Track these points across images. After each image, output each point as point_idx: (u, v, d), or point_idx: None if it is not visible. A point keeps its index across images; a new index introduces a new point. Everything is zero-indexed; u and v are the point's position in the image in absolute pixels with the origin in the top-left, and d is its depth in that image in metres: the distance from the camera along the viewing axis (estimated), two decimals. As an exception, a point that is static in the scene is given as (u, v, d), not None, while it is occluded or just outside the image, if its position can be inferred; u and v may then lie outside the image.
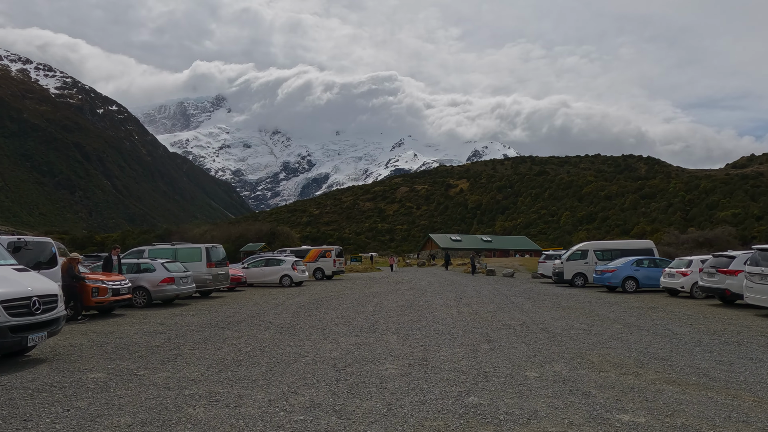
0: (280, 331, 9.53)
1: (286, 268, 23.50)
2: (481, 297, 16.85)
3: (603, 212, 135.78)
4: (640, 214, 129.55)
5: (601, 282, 19.21)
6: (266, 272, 23.23)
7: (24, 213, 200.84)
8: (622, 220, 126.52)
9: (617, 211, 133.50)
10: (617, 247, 22.21)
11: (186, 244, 17.93)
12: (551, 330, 9.58)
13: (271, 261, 23.98)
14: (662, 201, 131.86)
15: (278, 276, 23.24)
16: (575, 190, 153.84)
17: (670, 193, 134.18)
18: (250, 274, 22.85)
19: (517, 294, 17.95)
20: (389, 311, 12.76)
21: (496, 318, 11.37)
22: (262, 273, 23.11)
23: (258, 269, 23.22)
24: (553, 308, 13.33)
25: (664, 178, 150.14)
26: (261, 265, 23.44)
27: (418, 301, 15.64)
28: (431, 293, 18.54)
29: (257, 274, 23.07)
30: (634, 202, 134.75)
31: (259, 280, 23.04)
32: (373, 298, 16.82)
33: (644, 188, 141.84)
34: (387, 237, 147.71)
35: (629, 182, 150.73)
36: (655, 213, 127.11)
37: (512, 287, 21.59)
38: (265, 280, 23.18)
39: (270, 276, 23.23)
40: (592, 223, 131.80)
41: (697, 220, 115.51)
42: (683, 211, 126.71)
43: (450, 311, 12.81)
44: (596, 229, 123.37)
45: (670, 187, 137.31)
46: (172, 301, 15.60)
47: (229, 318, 11.54)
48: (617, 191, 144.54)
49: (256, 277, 22.99)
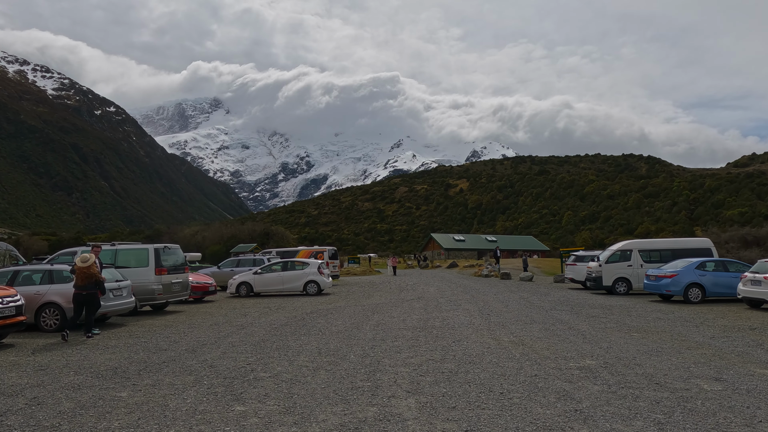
0: (215, 389, 5.84)
1: (312, 273, 19.30)
2: (513, 311, 13.17)
3: (606, 212, 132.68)
4: (644, 213, 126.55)
5: (655, 290, 15.53)
6: (285, 278, 18.98)
7: (21, 215, 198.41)
8: (625, 220, 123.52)
9: (620, 210, 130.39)
10: (667, 247, 18.46)
11: (130, 245, 14.15)
12: (666, 383, 5.96)
13: (290, 265, 19.70)
14: (666, 200, 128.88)
15: (302, 283, 19.08)
16: (577, 190, 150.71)
17: (674, 192, 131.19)
18: (264, 282, 18.73)
19: (555, 307, 14.27)
20: (395, 339, 9.07)
21: (557, 352, 7.73)
22: (280, 279, 18.87)
23: (274, 275, 18.92)
24: (623, 331, 9.70)
25: (667, 177, 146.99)
26: (278, 269, 19.23)
27: (432, 318, 11.97)
28: (446, 306, 14.83)
29: (273, 281, 18.83)
30: (638, 201, 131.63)
31: (275, 288, 18.82)
32: (372, 314, 13.11)
33: (647, 187, 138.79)
34: (386, 237, 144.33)
35: (632, 181, 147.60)
36: (659, 212, 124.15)
37: (542, 296, 17.84)
38: (284, 288, 18.92)
39: (291, 283, 19.05)
40: (595, 222, 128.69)
41: (702, 219, 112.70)
42: (688, 210, 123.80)
43: (482, 337, 9.14)
44: (599, 228, 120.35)
45: (674, 186, 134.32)
46: (105, 320, 11.90)
47: (154, 354, 7.81)
48: (620, 190, 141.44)
49: (272, 284, 18.81)
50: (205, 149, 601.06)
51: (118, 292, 11.10)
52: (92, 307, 9.68)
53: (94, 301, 9.77)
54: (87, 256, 9.81)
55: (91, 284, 9.64)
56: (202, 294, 17.12)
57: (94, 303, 9.79)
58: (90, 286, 9.63)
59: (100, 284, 9.89)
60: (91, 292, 9.62)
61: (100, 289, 9.87)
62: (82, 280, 9.50)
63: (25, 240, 76.36)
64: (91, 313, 9.67)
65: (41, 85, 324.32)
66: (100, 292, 9.92)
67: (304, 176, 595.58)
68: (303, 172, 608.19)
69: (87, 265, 9.59)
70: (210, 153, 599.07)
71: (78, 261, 9.76)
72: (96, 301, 9.81)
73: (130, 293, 11.68)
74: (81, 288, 9.51)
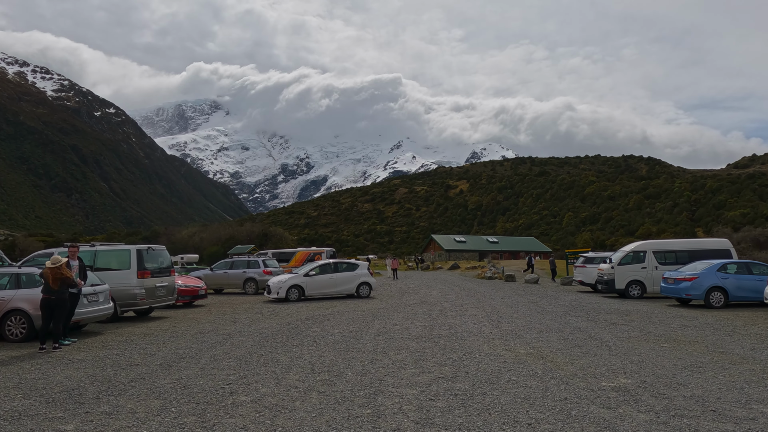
0: (183, 418, 4.80)
1: (364, 274, 18.67)
2: (525, 318, 12.20)
3: (606, 213, 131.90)
4: (645, 214, 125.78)
5: (674, 293, 14.57)
6: (338, 281, 18.18)
7: (20, 216, 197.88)
8: (626, 221, 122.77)
9: (621, 211, 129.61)
10: (683, 248, 17.45)
11: (111, 245, 13.16)
12: (723, 410, 4.99)
13: (340, 266, 18.85)
14: (667, 201, 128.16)
15: (354, 285, 18.41)
16: (577, 191, 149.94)
17: (675, 193, 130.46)
18: (317, 284, 17.73)
19: (569, 312, 13.30)
20: (399, 351, 8.11)
21: (583, 368, 6.79)
22: (333, 282, 18.05)
23: (327, 277, 17.98)
24: (650, 341, 8.74)
25: (668, 178, 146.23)
26: (329, 271, 18.27)
27: (438, 326, 11.02)
28: (452, 311, 13.85)
29: (327, 283, 17.97)
30: (638, 203, 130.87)
31: (328, 291, 17.99)
32: (372, 320, 12.15)
33: (648, 188, 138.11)
34: (386, 239, 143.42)
35: (632, 182, 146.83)
36: (660, 213, 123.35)
37: (552, 300, 16.84)
38: (336, 291, 18.16)
39: (343, 285, 18.30)
40: (596, 223, 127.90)
41: (704, 221, 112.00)
42: (690, 211, 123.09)
43: (495, 349, 8.18)
44: (600, 230, 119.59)
45: (675, 187, 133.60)
46: (82, 328, 10.92)
47: (123, 371, 6.79)
48: (620, 191, 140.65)
49: (325, 287, 17.95)
50: (204, 150, 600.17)
51: (93, 298, 10.09)
52: (62, 313, 8.74)
53: (65, 307, 8.83)
54: (58, 258, 8.88)
55: (62, 288, 8.72)
56: (191, 298, 16.10)
57: (65, 309, 8.85)
58: (61, 290, 8.70)
59: (72, 286, 8.97)
60: (61, 297, 8.68)
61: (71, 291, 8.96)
62: (53, 284, 8.58)
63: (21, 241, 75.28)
64: (60, 321, 8.72)
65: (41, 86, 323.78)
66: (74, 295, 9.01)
67: (303, 177, 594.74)
68: (303, 173, 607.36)
69: (57, 267, 8.67)
70: (210, 154, 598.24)
71: (48, 262, 8.84)
72: (66, 306, 8.87)
73: (108, 298, 10.69)
74: (51, 293, 8.58)
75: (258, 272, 21.06)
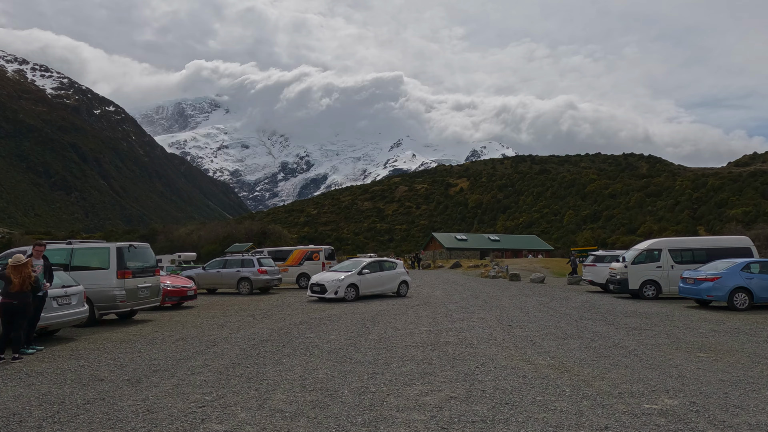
0: None
1: (402, 273, 18.72)
2: (537, 321, 11.32)
3: (608, 211, 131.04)
4: (646, 212, 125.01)
5: (693, 294, 13.66)
6: (384, 279, 17.99)
7: (19, 214, 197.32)
8: (627, 219, 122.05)
9: (622, 209, 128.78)
10: (701, 246, 16.45)
11: (90, 243, 12.18)
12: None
13: (386, 265, 18.78)
14: (669, 199, 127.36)
15: (396, 283, 18.29)
16: (578, 189, 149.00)
17: (676, 191, 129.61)
18: (369, 283, 17.42)
19: (584, 315, 12.37)
20: (402, 363, 7.15)
21: (616, 384, 5.85)
22: (380, 281, 17.85)
23: (376, 275, 17.74)
24: (683, 350, 7.80)
25: (669, 176, 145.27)
26: (377, 270, 17.96)
27: (444, 331, 10.11)
28: (458, 314, 12.89)
29: (376, 282, 17.73)
30: (640, 201, 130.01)
31: (376, 290, 17.77)
32: (372, 324, 11.18)
33: (649, 186, 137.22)
34: (386, 237, 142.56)
35: (633, 180, 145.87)
36: (662, 211, 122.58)
37: (562, 301, 15.91)
38: (383, 290, 18.02)
39: (389, 284, 18.14)
40: (597, 221, 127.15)
41: (705, 219, 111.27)
42: (691, 209, 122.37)
43: (511, 360, 7.26)
44: (601, 228, 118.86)
45: (676, 185, 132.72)
46: (54, 334, 9.97)
47: (82, 389, 5.86)
48: (621, 189, 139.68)
49: (375, 286, 17.75)
50: (204, 149, 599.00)
51: (65, 300, 9.16)
52: (23, 319, 7.83)
53: (28, 312, 7.92)
54: (20, 256, 7.97)
55: (26, 290, 7.81)
56: (179, 299, 15.04)
57: (28, 315, 7.94)
58: (24, 293, 7.79)
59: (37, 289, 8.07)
60: (24, 301, 7.77)
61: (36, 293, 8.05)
62: (16, 286, 7.67)
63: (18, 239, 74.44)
64: (21, 327, 7.80)
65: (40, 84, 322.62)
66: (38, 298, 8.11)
67: (303, 176, 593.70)
68: (302, 171, 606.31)
69: (20, 266, 7.76)
70: (209, 152, 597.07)
71: (10, 260, 7.93)
72: (29, 312, 7.96)
73: (83, 301, 9.75)
74: (12, 296, 7.67)
75: (252, 271, 20.02)
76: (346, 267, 18.07)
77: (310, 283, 17.43)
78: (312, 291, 17.07)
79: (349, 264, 18.51)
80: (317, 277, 17.57)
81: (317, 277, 17.45)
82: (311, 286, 17.21)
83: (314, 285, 17.10)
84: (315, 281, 17.20)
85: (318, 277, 17.58)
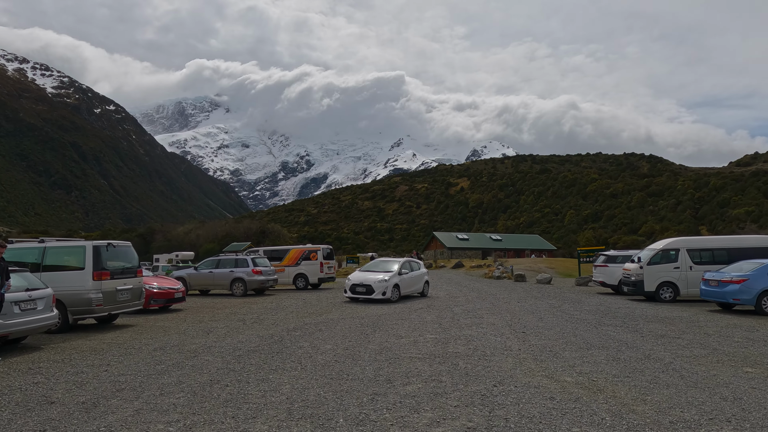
0: None
1: (425, 272, 18.91)
2: (553, 327, 10.41)
3: (609, 210, 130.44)
4: (648, 212, 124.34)
5: (717, 297, 12.79)
6: (415, 279, 17.99)
7: (19, 213, 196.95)
8: (629, 219, 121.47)
9: (624, 209, 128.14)
10: (721, 246, 15.58)
11: (64, 241, 11.30)
12: None
13: (415, 265, 18.70)
14: (670, 199, 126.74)
15: (422, 283, 18.52)
16: (579, 188, 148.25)
17: (678, 191, 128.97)
18: (407, 283, 17.17)
19: (601, 320, 11.40)
20: (407, 380, 6.33)
21: (663, 408, 5.07)
22: (413, 281, 17.80)
23: (411, 275, 17.57)
24: (725, 364, 6.99)
25: (671, 176, 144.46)
26: (408, 270, 17.71)
27: (452, 339, 9.15)
28: (465, 318, 11.95)
29: (412, 282, 17.64)
30: (641, 200, 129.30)
31: (410, 290, 17.69)
32: (372, 331, 10.17)
33: (651, 186, 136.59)
34: (386, 236, 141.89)
35: (635, 180, 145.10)
36: (664, 211, 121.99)
37: (575, 304, 14.89)
38: (413, 290, 18.01)
39: (418, 284, 18.21)
40: (598, 221, 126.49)
41: (708, 219, 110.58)
42: (693, 209, 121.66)
43: (532, 376, 6.47)
44: (602, 227, 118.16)
45: (678, 185, 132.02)
46: (20, 342, 9.11)
47: (23, 416, 5.09)
48: (623, 189, 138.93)
49: (411, 286, 17.68)
50: (204, 148, 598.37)
51: (29, 305, 8.34)
52: None
53: None
54: None
55: None
56: (165, 302, 14.08)
57: None
58: None
59: None
60: None
61: None
62: None
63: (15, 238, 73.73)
64: None
65: (41, 83, 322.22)
66: None
67: (304, 175, 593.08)
68: (303, 170, 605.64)
69: None
70: (210, 152, 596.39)
71: None
72: None
73: (51, 306, 8.82)
74: None
75: (247, 272, 19.09)
76: (381, 267, 17.45)
77: (352, 284, 16.59)
78: (354, 292, 16.35)
79: (380, 264, 17.93)
80: (357, 277, 16.79)
81: (358, 278, 16.69)
82: (353, 287, 16.44)
83: (358, 286, 16.34)
84: (358, 282, 16.48)
85: (358, 277, 16.76)
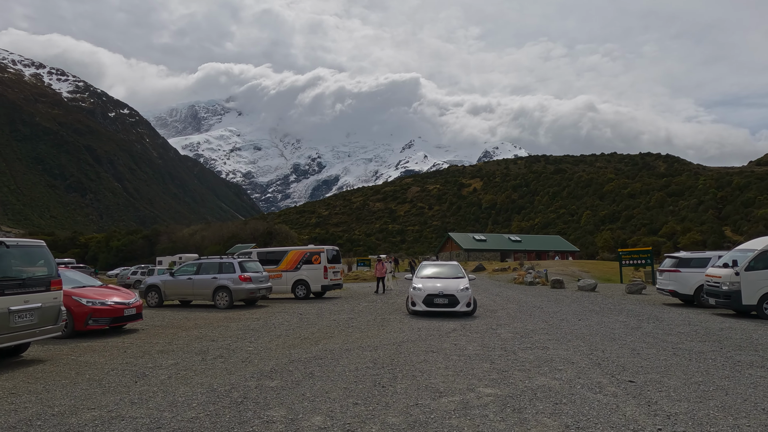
0: None
1: (468, 278, 15.62)
2: (665, 369, 6.89)
3: (627, 211, 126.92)
4: (668, 212, 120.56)
5: None
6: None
7: (35, 216, 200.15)
8: (648, 219, 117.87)
9: (642, 209, 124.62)
10: None
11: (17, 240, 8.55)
12: None
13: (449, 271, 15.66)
14: (691, 198, 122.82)
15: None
16: (595, 189, 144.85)
17: (699, 191, 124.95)
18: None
19: (729, 354, 7.91)
20: None
21: None
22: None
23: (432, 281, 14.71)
24: None
25: (691, 175, 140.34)
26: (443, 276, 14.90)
27: (524, 397, 5.54)
28: (521, 348, 8.51)
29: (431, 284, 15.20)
30: (660, 200, 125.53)
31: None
32: (391, 376, 6.54)
33: (670, 185, 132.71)
34: (398, 238, 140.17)
35: (653, 179, 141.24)
36: (684, 211, 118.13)
37: (655, 322, 11.48)
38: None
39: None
40: (616, 222, 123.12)
41: (732, 219, 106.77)
42: (716, 209, 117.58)
43: None
44: (621, 228, 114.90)
45: (699, 184, 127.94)
46: None
47: None
48: (641, 189, 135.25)
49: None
50: (217, 151, 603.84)
51: None
52: None
53: None
54: None
55: None
56: (112, 321, 10.51)
57: None
58: None
59: None
60: None
61: None
62: None
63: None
64: None
65: (56, 87, 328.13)
66: None
67: (315, 177, 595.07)
68: (314, 173, 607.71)
69: None
70: (222, 154, 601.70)
71: None
72: None
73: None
74: None
75: (233, 278, 15.72)
76: (440, 273, 14.43)
77: (427, 294, 12.86)
78: (432, 305, 12.79)
79: (429, 268, 14.91)
80: (429, 286, 13.13)
81: (431, 287, 13.08)
82: (429, 298, 12.84)
83: (437, 296, 12.74)
84: (435, 291, 12.86)
85: (430, 286, 13.14)
